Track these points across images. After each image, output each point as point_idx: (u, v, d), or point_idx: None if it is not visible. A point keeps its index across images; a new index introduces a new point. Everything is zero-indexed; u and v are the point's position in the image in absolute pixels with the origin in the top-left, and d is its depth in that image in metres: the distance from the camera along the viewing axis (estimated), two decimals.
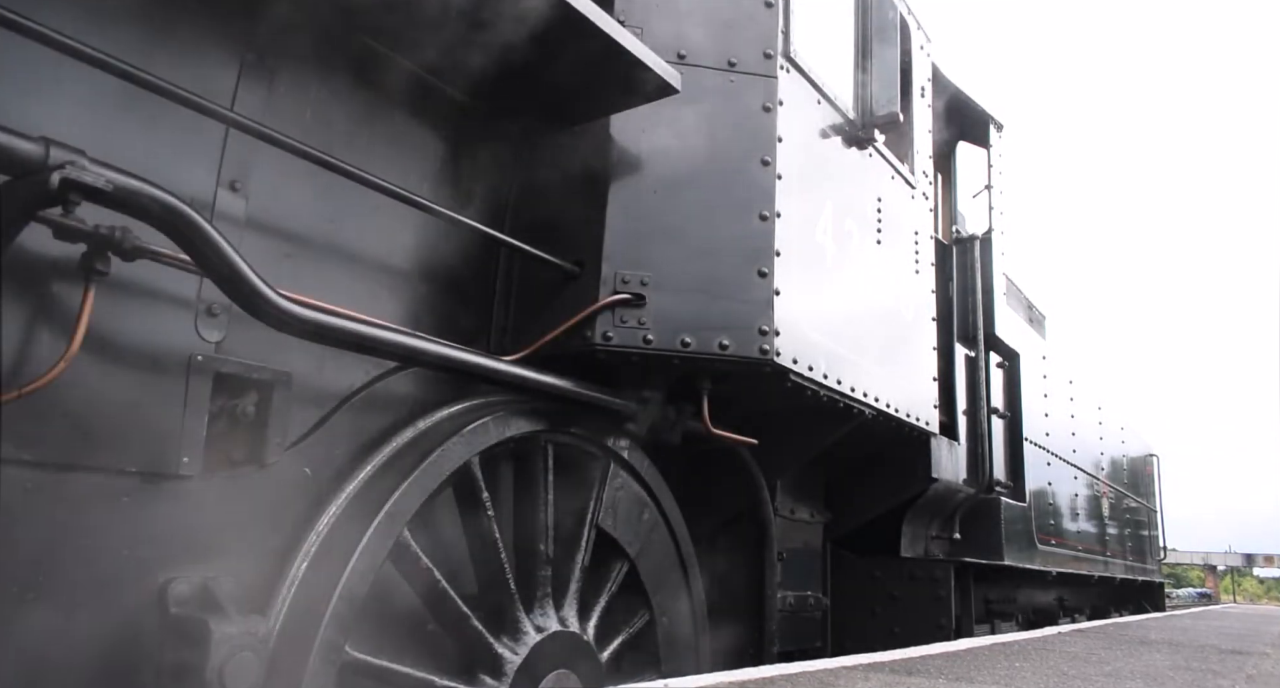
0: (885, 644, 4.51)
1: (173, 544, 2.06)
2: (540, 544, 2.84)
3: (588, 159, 3.19)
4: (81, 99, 2.00)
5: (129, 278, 2.04)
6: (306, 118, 2.59)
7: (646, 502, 3.37)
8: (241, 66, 2.39)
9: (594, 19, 2.65)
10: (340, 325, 2.22)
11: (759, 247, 3.19)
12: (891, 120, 4.07)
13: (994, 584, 6.18)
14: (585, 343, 2.97)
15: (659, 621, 3.32)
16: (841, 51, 4.03)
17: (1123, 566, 9.67)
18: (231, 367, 2.18)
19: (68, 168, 1.65)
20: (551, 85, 3.02)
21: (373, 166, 2.59)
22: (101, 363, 1.98)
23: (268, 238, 2.44)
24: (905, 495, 5.08)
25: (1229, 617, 10.85)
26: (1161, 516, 12.51)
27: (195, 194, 2.21)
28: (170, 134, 2.16)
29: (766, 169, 3.28)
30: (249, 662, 1.94)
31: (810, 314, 3.43)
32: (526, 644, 2.66)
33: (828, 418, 3.85)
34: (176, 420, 2.07)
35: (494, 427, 2.70)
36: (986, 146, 6.44)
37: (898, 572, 5.14)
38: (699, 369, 3.14)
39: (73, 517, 1.90)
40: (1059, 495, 7.43)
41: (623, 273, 3.03)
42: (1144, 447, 11.91)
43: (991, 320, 6.00)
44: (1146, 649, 4.64)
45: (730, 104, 3.31)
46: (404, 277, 2.91)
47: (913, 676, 3.01)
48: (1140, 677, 3.36)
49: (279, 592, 2.19)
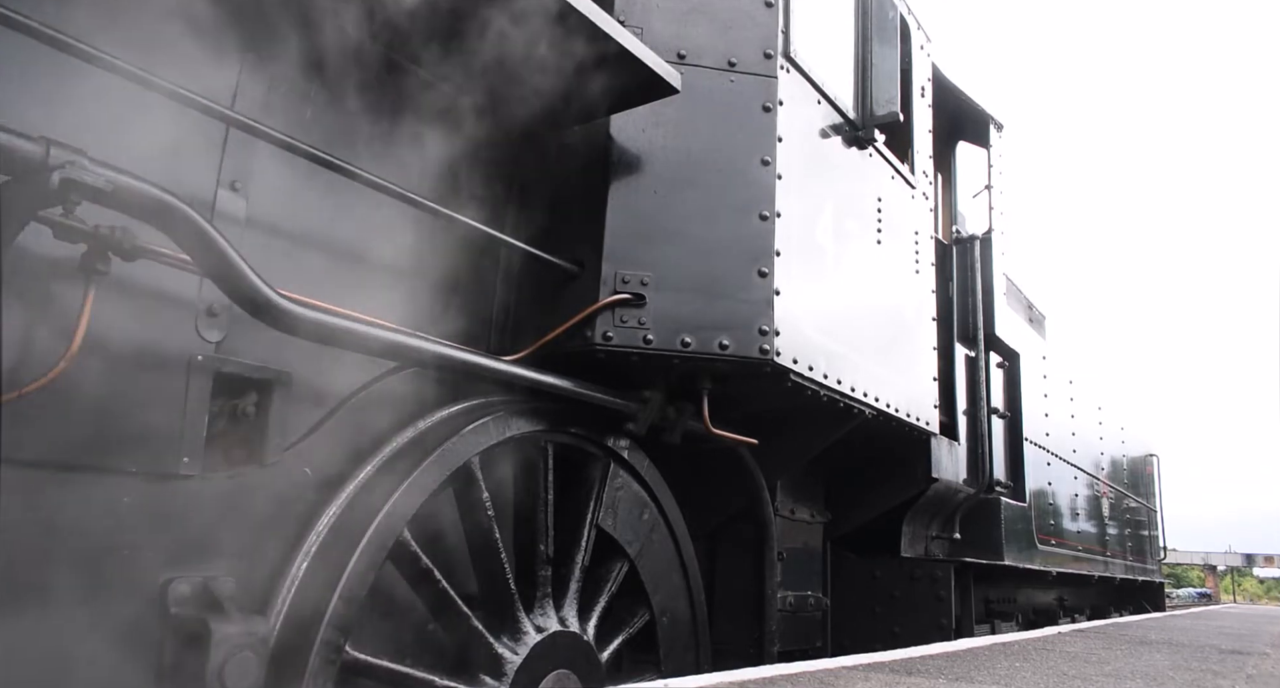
0: (885, 644, 4.51)
1: (173, 544, 2.06)
2: (540, 544, 2.84)
3: (588, 159, 3.19)
4: (81, 98, 2.00)
5: (129, 278, 2.04)
6: (306, 117, 2.60)
7: (646, 502, 3.37)
8: (241, 66, 2.39)
9: (594, 19, 2.65)
10: (340, 325, 2.22)
11: (759, 246, 3.19)
12: (891, 120, 4.07)
13: (994, 584, 6.18)
14: (585, 343, 2.97)
15: (659, 621, 3.32)
16: (841, 51, 4.03)
17: (1123, 565, 9.67)
18: (232, 367, 2.18)
19: (68, 168, 1.65)
20: (552, 85, 3.01)
21: (372, 166, 2.60)
22: (102, 363, 1.97)
23: (268, 237, 2.45)
24: (905, 495, 5.07)
25: (1229, 617, 10.85)
26: (1161, 515, 12.50)
27: (195, 194, 2.21)
28: (170, 133, 2.16)
29: (766, 169, 3.28)
30: (249, 662, 1.94)
31: (810, 314, 3.43)
32: (526, 644, 2.66)
33: (828, 418, 3.84)
34: (176, 420, 2.07)
35: (494, 426, 2.70)
36: (986, 146, 6.44)
37: (898, 572, 5.14)
38: (699, 369, 3.14)
39: (73, 517, 1.90)
40: (1059, 495, 7.43)
41: (623, 273, 3.03)
42: (1144, 447, 11.90)
43: (991, 320, 6.00)
44: (1146, 649, 4.64)
45: (730, 104, 3.30)
46: (404, 276, 2.91)
47: (913, 676, 3.01)
48: (1140, 677, 3.36)
49: (279, 592, 2.18)
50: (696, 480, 3.78)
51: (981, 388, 5.84)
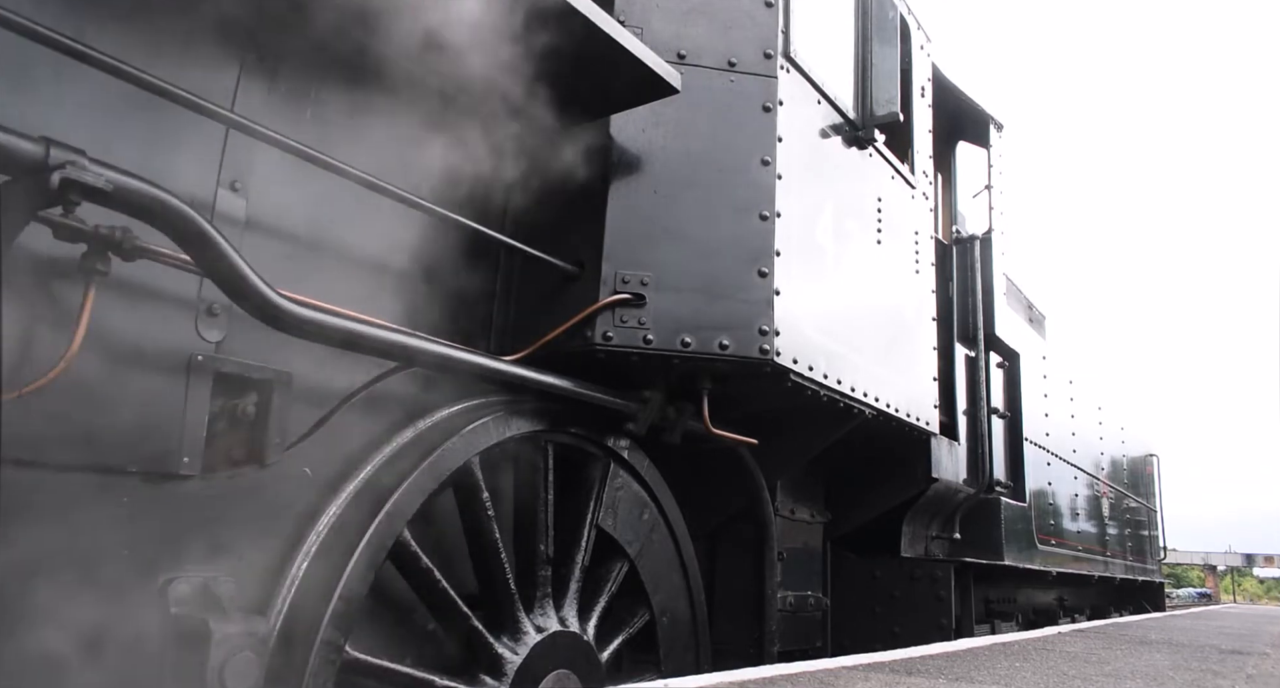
0: (885, 644, 4.51)
1: (173, 544, 2.06)
2: (540, 544, 2.84)
3: (588, 159, 3.19)
4: (81, 99, 2.00)
5: (129, 278, 2.04)
6: (306, 118, 2.60)
7: (646, 502, 3.37)
8: (241, 66, 2.39)
9: (594, 19, 2.65)
10: (340, 325, 2.22)
11: (759, 246, 3.19)
12: (891, 120, 4.07)
13: (994, 584, 6.18)
14: (585, 343, 2.97)
15: (659, 621, 3.32)
16: (841, 51, 4.03)
17: (1123, 565, 9.67)
18: (231, 367, 2.18)
19: (68, 168, 1.65)
20: (552, 85, 3.01)
21: (372, 167, 2.59)
22: (102, 363, 1.97)
23: (268, 238, 2.44)
24: (905, 495, 5.07)
25: (1229, 617, 10.85)
26: (1161, 515, 12.50)
27: (195, 194, 2.21)
28: (170, 134, 2.16)
29: (766, 169, 3.28)
30: (249, 662, 1.94)
31: (810, 314, 3.43)
32: (526, 644, 2.66)
33: (828, 418, 3.84)
34: (177, 420, 2.07)
35: (494, 426, 2.70)
36: (986, 146, 6.44)
37: (898, 572, 5.14)
38: (699, 369, 3.14)
39: (73, 517, 1.90)
40: (1059, 495, 7.43)
41: (623, 273, 3.03)
42: (1144, 447, 11.90)
43: (992, 320, 6.00)
44: (1146, 649, 4.64)
45: (730, 104, 3.30)
46: (404, 277, 2.91)
47: (913, 676, 3.01)
48: (1140, 677, 3.36)
49: (279, 591, 2.18)
50: (696, 480, 3.78)
51: (981, 388, 5.84)
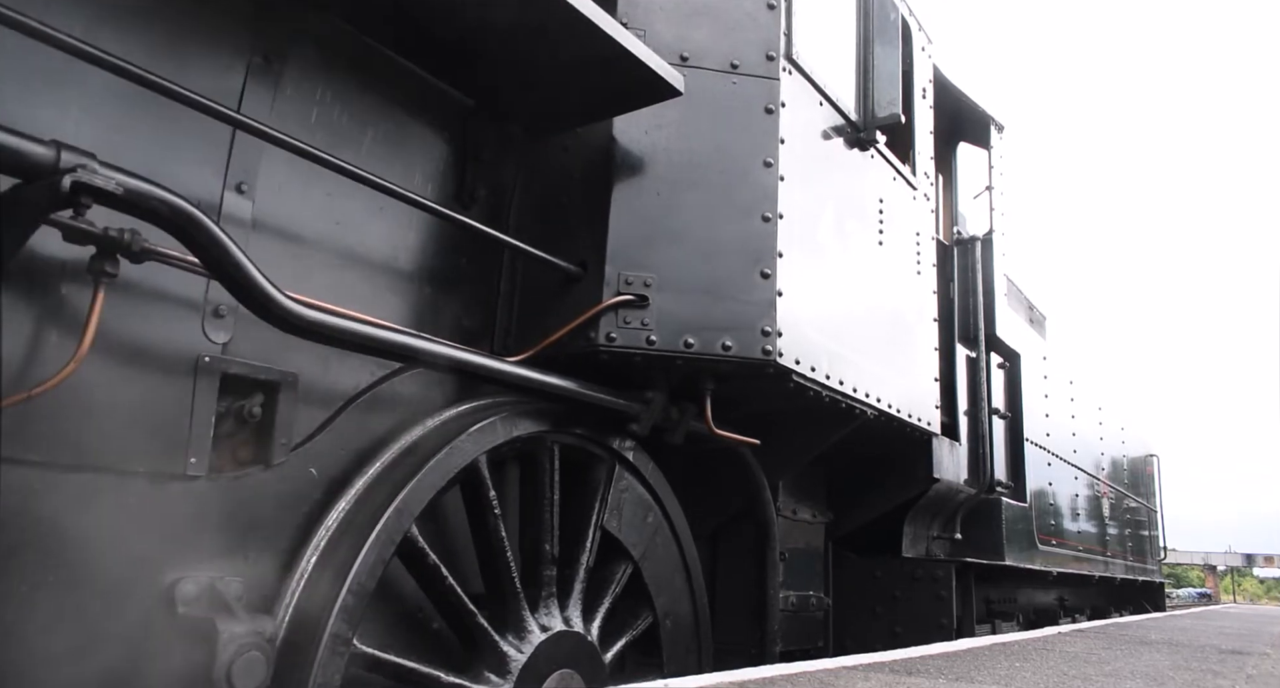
0: (886, 644, 4.52)
1: (180, 544, 2.07)
2: (545, 545, 2.85)
3: (591, 161, 3.20)
4: (90, 102, 2.01)
5: (137, 280, 2.05)
6: (312, 120, 2.61)
7: (651, 505, 3.37)
8: (248, 68, 2.40)
9: (597, 22, 2.66)
10: (346, 327, 2.24)
11: (762, 248, 3.20)
12: (893, 122, 4.08)
13: (995, 584, 6.19)
14: (589, 344, 2.99)
15: (662, 624, 3.33)
16: (843, 53, 4.04)
17: (1123, 566, 9.68)
18: (238, 368, 2.20)
19: (79, 171, 1.67)
20: (555, 87, 3.03)
21: (377, 168, 2.61)
22: (110, 364, 1.99)
23: (274, 240, 2.46)
24: (907, 496, 5.08)
25: (1229, 617, 10.86)
26: (1161, 516, 12.51)
27: (202, 196, 2.22)
28: (177, 136, 2.18)
29: (769, 170, 3.29)
30: (256, 661, 1.95)
31: (812, 315, 3.45)
32: (531, 643, 2.67)
33: (830, 418, 3.85)
34: (183, 421, 2.08)
35: (501, 426, 2.71)
36: (987, 147, 6.45)
37: (899, 572, 5.15)
38: (702, 370, 3.15)
39: (80, 517, 1.91)
40: (1060, 496, 7.44)
41: (626, 274, 3.04)
42: (1144, 447, 11.91)
43: (992, 321, 6.01)
44: (1146, 649, 4.66)
45: (733, 106, 3.32)
46: (409, 278, 2.93)
47: (913, 676, 3.02)
48: (1140, 677, 3.37)
49: (288, 585, 2.20)
50: (698, 481, 3.79)
51: (982, 388, 5.85)
